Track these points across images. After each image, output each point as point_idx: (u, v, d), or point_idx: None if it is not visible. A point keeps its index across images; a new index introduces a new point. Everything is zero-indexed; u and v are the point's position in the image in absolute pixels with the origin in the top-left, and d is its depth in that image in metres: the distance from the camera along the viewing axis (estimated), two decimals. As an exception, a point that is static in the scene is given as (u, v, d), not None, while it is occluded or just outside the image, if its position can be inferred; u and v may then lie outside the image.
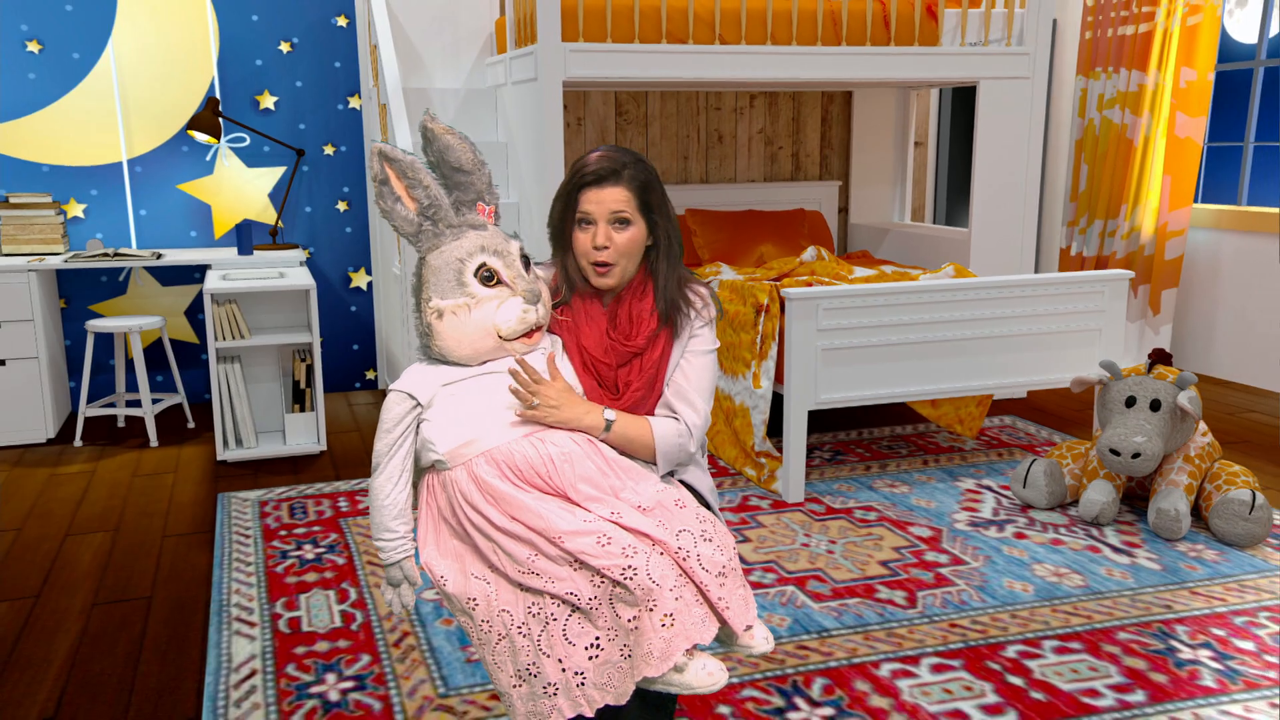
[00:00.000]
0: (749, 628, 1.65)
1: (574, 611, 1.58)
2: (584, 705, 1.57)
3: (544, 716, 1.59)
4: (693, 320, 1.81)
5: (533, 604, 1.60)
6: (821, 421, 4.61)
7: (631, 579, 1.53)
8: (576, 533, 1.58)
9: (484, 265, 1.69)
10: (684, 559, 1.59)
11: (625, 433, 1.73)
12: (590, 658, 1.57)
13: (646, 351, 1.79)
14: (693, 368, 1.81)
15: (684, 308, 1.80)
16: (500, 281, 1.70)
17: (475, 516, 1.63)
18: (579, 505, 1.64)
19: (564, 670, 1.57)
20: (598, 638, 1.57)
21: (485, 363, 1.72)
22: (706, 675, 1.57)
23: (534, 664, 1.58)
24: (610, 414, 1.71)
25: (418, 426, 1.69)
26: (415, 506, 1.74)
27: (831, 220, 5.88)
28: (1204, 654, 2.56)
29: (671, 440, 1.76)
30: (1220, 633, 2.68)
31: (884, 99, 5.86)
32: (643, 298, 1.79)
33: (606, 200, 1.74)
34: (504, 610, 1.61)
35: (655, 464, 1.77)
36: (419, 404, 1.68)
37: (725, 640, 1.67)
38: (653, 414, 1.81)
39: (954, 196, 6.79)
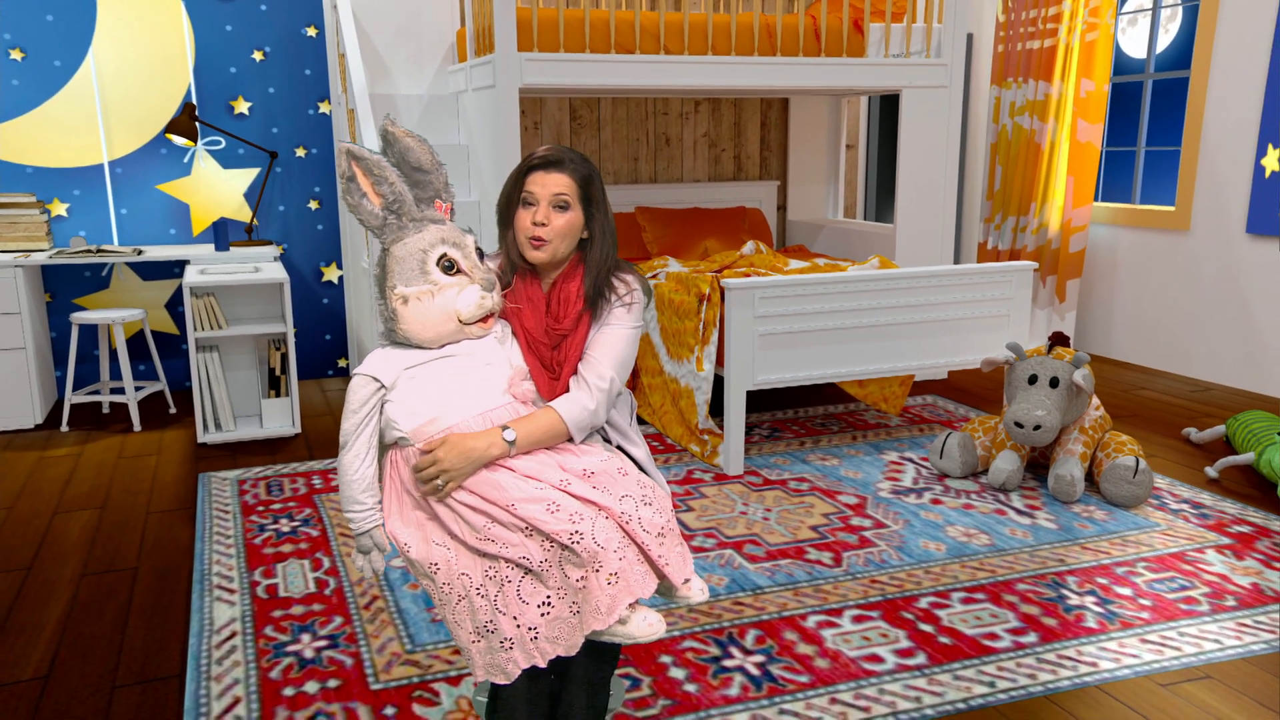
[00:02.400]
0: (686, 581, 1.72)
1: (527, 573, 1.64)
2: (537, 657, 1.63)
3: (501, 668, 1.65)
4: (613, 304, 1.84)
5: (489, 567, 1.65)
6: (761, 402, 4.71)
7: (578, 543, 1.59)
8: (528, 500, 1.63)
9: (445, 255, 1.72)
10: (626, 522, 1.65)
11: (532, 436, 1.72)
12: (542, 614, 1.63)
13: (573, 333, 1.82)
14: (604, 338, 1.83)
15: (607, 293, 1.84)
16: (460, 270, 1.73)
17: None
18: (530, 476, 1.68)
19: (519, 626, 1.62)
20: (549, 596, 1.63)
21: (444, 346, 1.75)
22: (647, 626, 1.64)
23: (491, 621, 1.64)
24: (510, 434, 1.70)
25: (382, 407, 1.72)
26: (381, 480, 1.78)
27: (771, 217, 5.96)
28: (1089, 600, 2.70)
29: (579, 417, 1.77)
30: (1104, 581, 2.81)
31: (818, 105, 5.95)
32: (571, 280, 1.83)
33: (550, 184, 1.78)
34: (463, 574, 1.66)
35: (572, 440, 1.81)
36: (383, 386, 1.71)
37: (665, 593, 1.74)
38: None
39: (882, 195, 6.92)
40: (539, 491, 1.65)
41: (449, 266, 1.72)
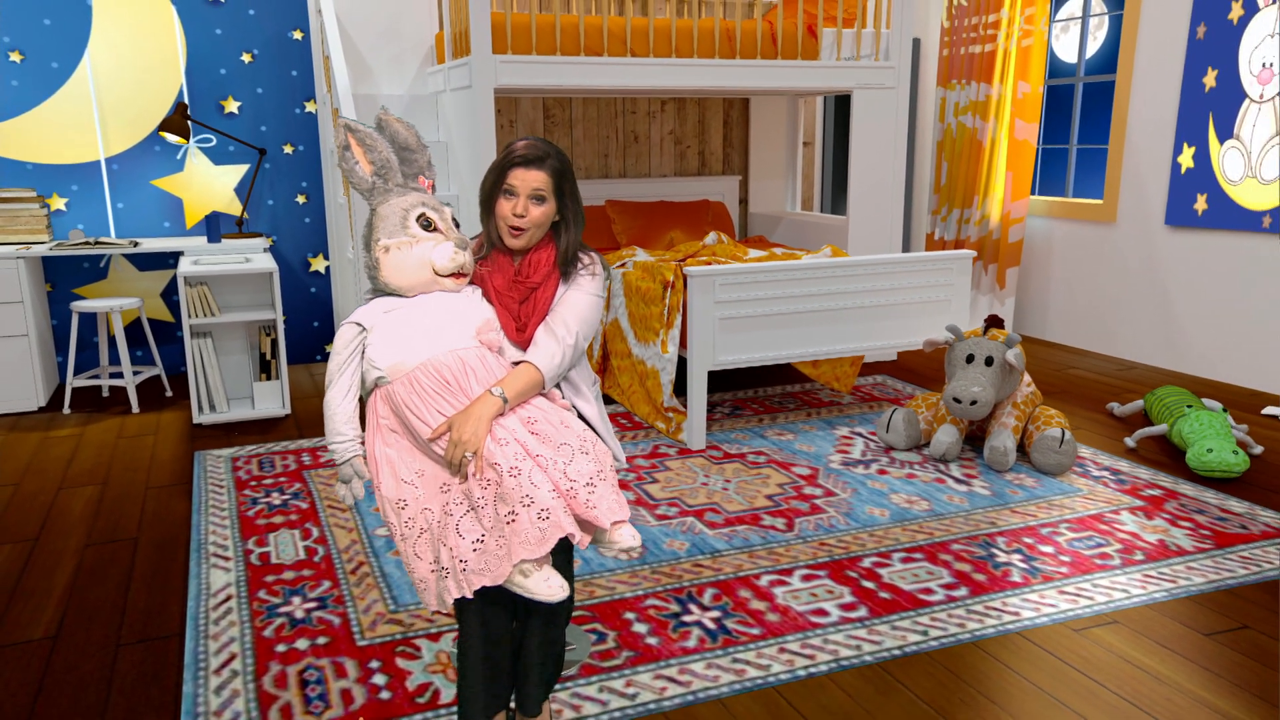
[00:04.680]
0: (616, 524, 1.71)
1: (469, 510, 1.70)
2: (465, 588, 1.69)
3: (440, 596, 1.73)
4: (580, 273, 1.97)
5: (446, 503, 1.73)
6: (723, 382, 4.78)
7: (515, 477, 1.65)
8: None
9: (423, 214, 1.85)
10: (556, 470, 1.69)
11: (518, 390, 1.79)
12: (474, 550, 1.68)
13: (540, 288, 1.92)
14: (572, 298, 1.94)
15: (575, 263, 1.97)
16: (436, 228, 1.85)
17: (413, 420, 1.75)
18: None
19: (453, 557, 1.69)
20: (482, 535, 1.69)
21: (419, 295, 1.86)
22: (546, 585, 1.67)
23: (437, 554, 1.72)
24: (497, 390, 1.76)
25: (363, 351, 1.81)
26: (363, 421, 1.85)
27: (733, 209, 6.02)
28: (1015, 558, 2.80)
29: (551, 367, 1.85)
30: (1030, 541, 2.92)
31: (777, 105, 6.01)
32: (541, 251, 1.94)
33: (530, 180, 1.88)
34: (426, 508, 1.74)
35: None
36: (364, 329, 1.81)
37: (598, 540, 1.76)
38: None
39: (837, 189, 7.00)
40: (495, 429, 1.72)
41: (426, 224, 1.84)
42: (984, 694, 2.14)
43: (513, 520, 1.66)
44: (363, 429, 1.85)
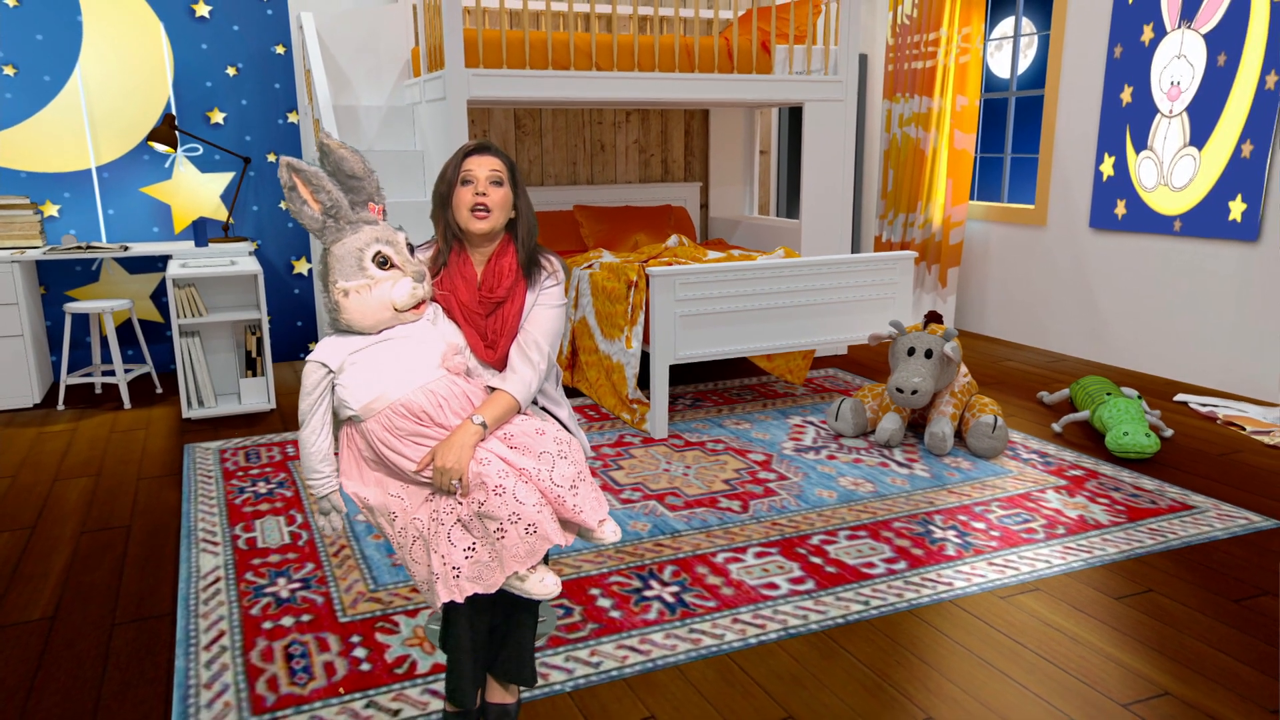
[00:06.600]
0: (601, 522, 1.78)
1: (458, 521, 1.71)
2: (457, 593, 1.71)
3: (430, 600, 1.75)
4: (544, 279, 1.92)
5: (434, 511, 1.73)
6: (685, 375, 4.83)
7: (500, 495, 1.67)
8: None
9: (379, 253, 1.76)
10: (541, 479, 1.71)
11: (496, 416, 1.78)
12: (466, 557, 1.70)
13: (507, 302, 1.88)
14: (542, 318, 1.90)
15: (539, 265, 1.93)
16: (393, 265, 1.76)
17: (392, 455, 1.74)
18: None
19: (445, 564, 1.70)
20: (473, 544, 1.70)
21: (382, 331, 1.79)
22: (541, 585, 1.71)
23: (430, 561, 1.73)
24: (478, 419, 1.77)
25: (333, 389, 1.76)
26: (337, 452, 1.82)
27: (694, 214, 6.06)
28: (951, 534, 2.88)
29: (527, 395, 1.85)
30: (964, 518, 3.00)
31: (735, 115, 6.06)
32: (503, 257, 1.90)
33: (486, 164, 1.86)
34: (416, 518, 1.74)
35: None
36: (330, 370, 1.75)
37: (583, 535, 1.80)
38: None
39: (792, 194, 7.08)
40: (476, 451, 1.72)
41: (383, 262, 1.76)
42: (919, 656, 2.21)
43: (502, 536, 1.68)
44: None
